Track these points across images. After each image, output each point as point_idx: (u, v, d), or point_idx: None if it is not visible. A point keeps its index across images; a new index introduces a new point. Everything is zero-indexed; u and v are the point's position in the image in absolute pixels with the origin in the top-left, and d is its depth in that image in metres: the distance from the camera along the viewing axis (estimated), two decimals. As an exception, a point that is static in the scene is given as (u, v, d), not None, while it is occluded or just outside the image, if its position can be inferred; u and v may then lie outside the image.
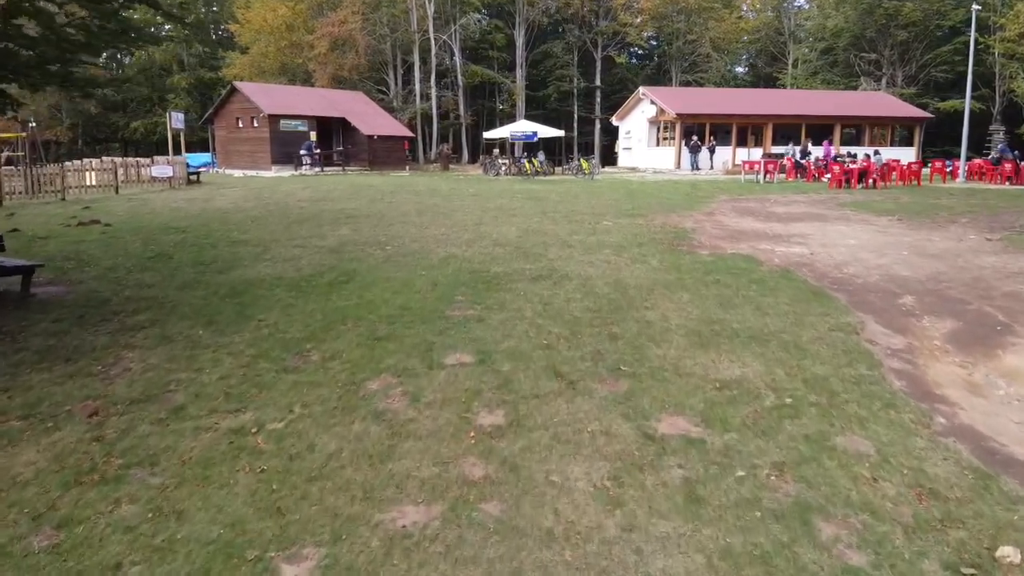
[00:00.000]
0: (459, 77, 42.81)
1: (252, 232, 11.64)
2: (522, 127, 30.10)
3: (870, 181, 21.46)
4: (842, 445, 4.15)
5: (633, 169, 34.17)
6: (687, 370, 5.25)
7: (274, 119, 29.61)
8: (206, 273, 8.57)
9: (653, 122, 33.70)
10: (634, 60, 58.94)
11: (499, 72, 48.39)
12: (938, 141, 41.02)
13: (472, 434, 4.25)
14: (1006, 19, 36.66)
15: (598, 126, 50.92)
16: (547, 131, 30.77)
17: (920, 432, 4.36)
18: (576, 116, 51.64)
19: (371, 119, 32.77)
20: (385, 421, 4.41)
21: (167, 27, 50.18)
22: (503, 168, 29.43)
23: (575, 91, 51.18)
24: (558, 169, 31.41)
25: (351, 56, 35.74)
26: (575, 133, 52.21)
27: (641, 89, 34.45)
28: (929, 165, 25.58)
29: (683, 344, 5.81)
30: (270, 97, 30.75)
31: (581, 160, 28.20)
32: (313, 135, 30.84)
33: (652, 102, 32.81)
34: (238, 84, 31.86)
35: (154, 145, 46.50)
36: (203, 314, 6.76)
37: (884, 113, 34.33)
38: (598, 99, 51.39)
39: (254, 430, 4.31)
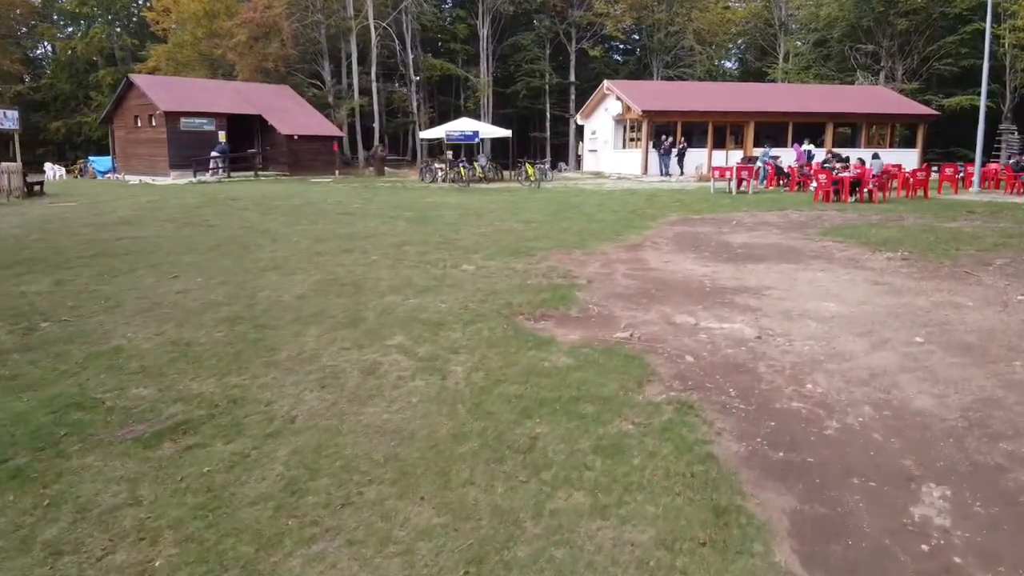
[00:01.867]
0: (411, 70, 38.44)
1: None
2: (460, 126, 25.73)
3: (865, 192, 17.25)
4: None
5: (598, 174, 29.94)
6: None
7: (173, 117, 25.30)
8: None
9: (619, 121, 29.43)
10: (616, 56, 54.62)
11: (463, 67, 44.08)
12: (939, 142, 36.59)
13: None
14: (1018, 5, 32.34)
15: (572, 126, 46.50)
16: (490, 131, 26.53)
17: None
18: (548, 115, 47.36)
19: (293, 117, 28.47)
20: None
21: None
22: (440, 174, 25.24)
23: (547, 87, 46.81)
24: (508, 174, 27.23)
25: (275, 46, 31.38)
26: (547, 133, 48.02)
27: (606, 83, 30.16)
28: (938, 171, 21.22)
29: None
30: (170, 92, 26.42)
31: (527, 165, 23.98)
32: (223, 135, 26.59)
33: (618, 98, 28.58)
34: (133, 77, 27.54)
35: (80, 146, 42.41)
36: None
37: (884, 110, 30.04)
38: (572, 96, 46.93)
39: None
